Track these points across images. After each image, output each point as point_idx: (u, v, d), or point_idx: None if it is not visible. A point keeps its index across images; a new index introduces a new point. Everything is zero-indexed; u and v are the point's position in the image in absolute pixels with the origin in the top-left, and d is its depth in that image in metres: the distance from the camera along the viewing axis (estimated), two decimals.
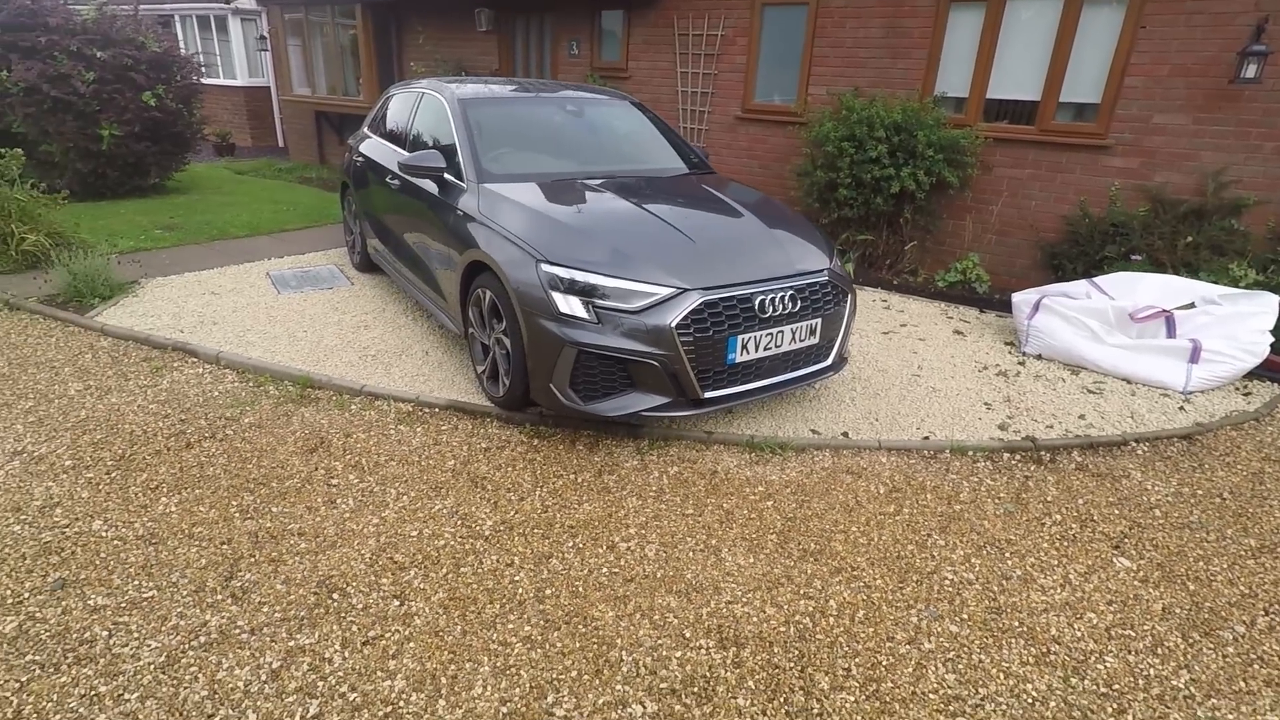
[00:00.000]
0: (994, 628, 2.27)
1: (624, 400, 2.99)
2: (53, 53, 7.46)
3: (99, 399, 3.60)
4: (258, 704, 1.93)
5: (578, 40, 7.99)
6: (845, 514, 2.85)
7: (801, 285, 3.22)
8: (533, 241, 3.12)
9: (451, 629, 2.19)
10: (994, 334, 4.78)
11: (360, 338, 4.40)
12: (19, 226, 5.52)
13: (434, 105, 4.37)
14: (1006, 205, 5.56)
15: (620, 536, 2.65)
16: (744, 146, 6.96)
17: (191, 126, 8.86)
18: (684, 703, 1.96)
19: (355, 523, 2.69)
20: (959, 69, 5.60)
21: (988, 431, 3.49)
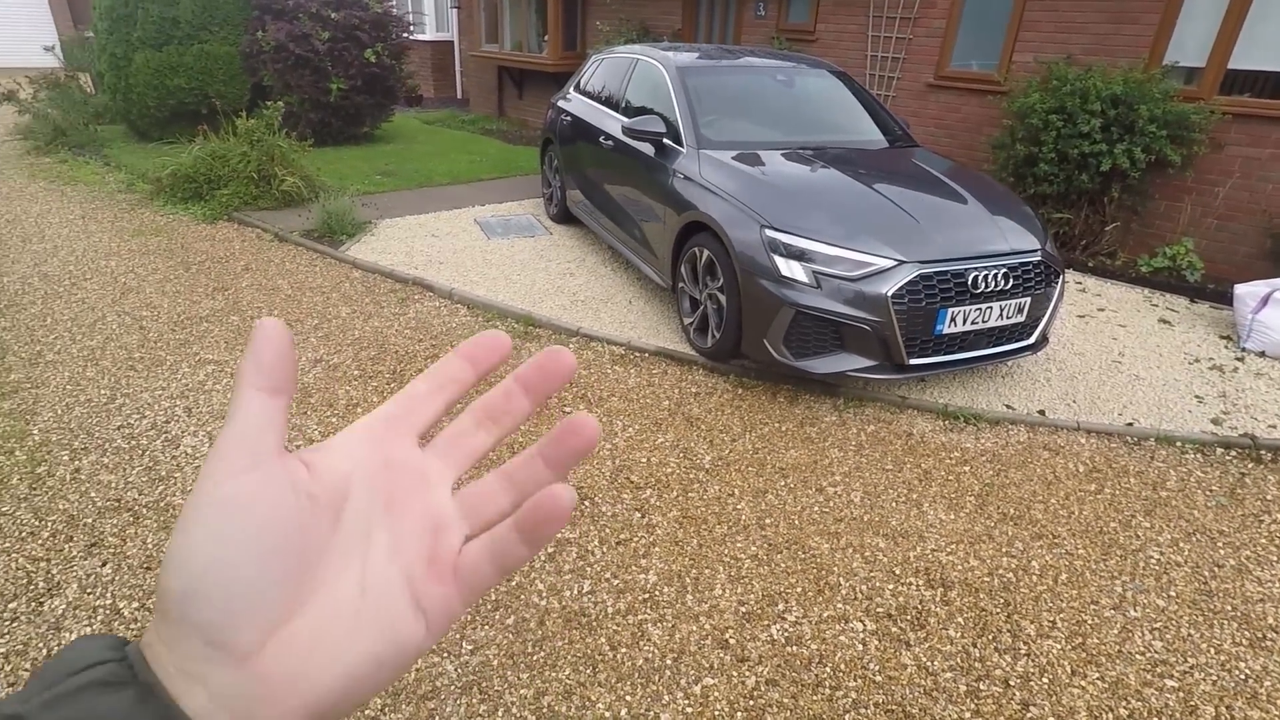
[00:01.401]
0: (1204, 608, 2.36)
1: (833, 359, 3.23)
2: (297, 14, 8.45)
3: (364, 321, 4.29)
4: (543, 577, 2.40)
5: (765, 2, 8.00)
6: (1044, 486, 2.96)
7: (1014, 264, 3.29)
8: (755, 207, 3.38)
9: (689, 540, 2.58)
10: (1207, 326, 4.53)
11: (568, 284, 4.88)
12: (280, 169, 6.46)
13: (650, 71, 4.68)
14: (1236, 187, 5.14)
15: (827, 481, 2.93)
16: (933, 115, 6.79)
17: (400, 81, 9.75)
18: (899, 626, 2.24)
19: None
20: (1197, 36, 5.17)
21: (1198, 425, 3.41)
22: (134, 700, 0.25)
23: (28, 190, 6.56)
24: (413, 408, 0.34)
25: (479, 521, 0.33)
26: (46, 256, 5.00)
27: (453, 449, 0.34)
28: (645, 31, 9.28)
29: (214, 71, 8.30)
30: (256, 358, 0.29)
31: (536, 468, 0.34)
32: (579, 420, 0.33)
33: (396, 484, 0.32)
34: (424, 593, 0.31)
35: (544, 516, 0.32)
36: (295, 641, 0.28)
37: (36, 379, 3.45)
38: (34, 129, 8.18)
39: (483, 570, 0.32)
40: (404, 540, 0.32)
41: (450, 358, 0.35)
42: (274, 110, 6.61)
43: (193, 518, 0.27)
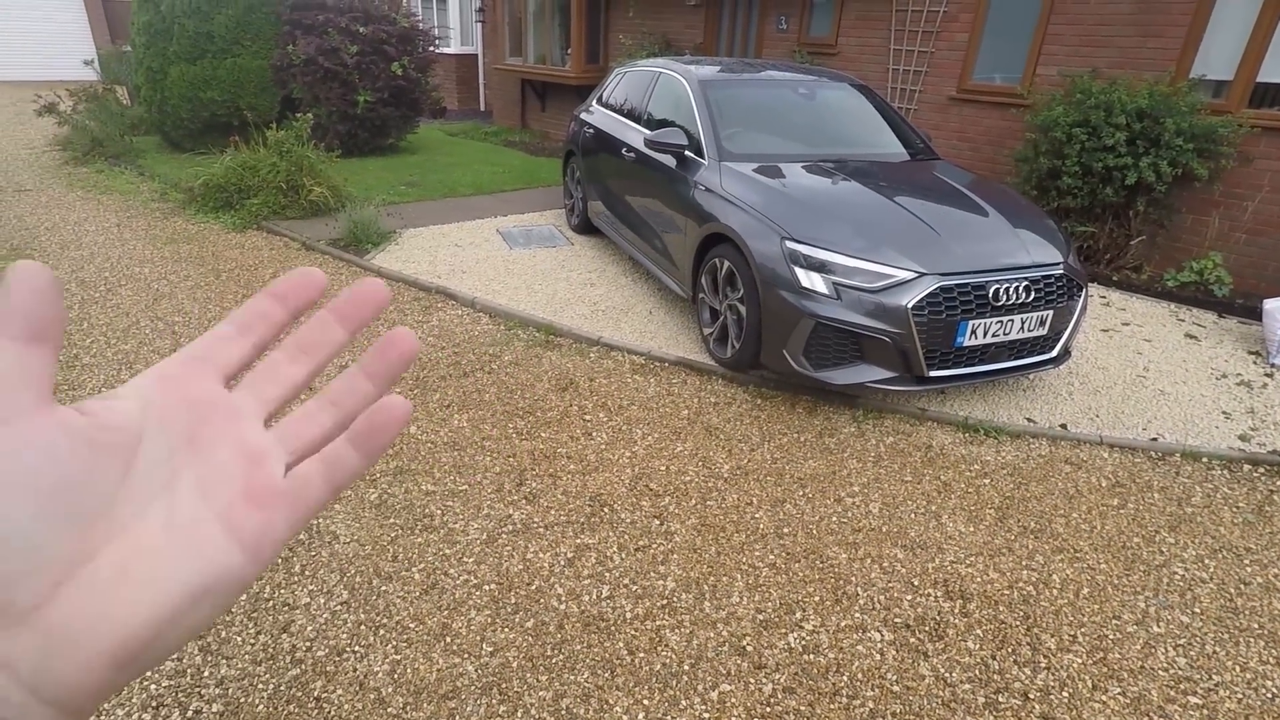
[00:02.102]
0: (1230, 625, 2.33)
1: (852, 371, 3.24)
2: (327, 29, 8.66)
3: (388, 329, 4.35)
4: (562, 581, 2.43)
5: (786, 15, 8.05)
6: (1065, 500, 2.94)
7: (1036, 277, 3.28)
8: (776, 218, 3.40)
9: (707, 548, 2.59)
10: (1235, 341, 4.47)
11: (589, 293, 4.93)
12: (308, 179, 6.60)
13: (672, 84, 4.74)
14: (1266, 201, 5.07)
15: (845, 492, 2.93)
16: (955, 128, 6.78)
17: (426, 93, 9.93)
18: (917, 637, 2.24)
19: (611, 453, 3.17)
20: (1225, 49, 5.13)
21: (1226, 441, 3.37)
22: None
23: (66, 199, 6.76)
24: (215, 348, 0.33)
25: (300, 445, 0.33)
26: (83, 263, 5.15)
27: (265, 384, 0.33)
28: (667, 45, 9.38)
29: (245, 84, 8.52)
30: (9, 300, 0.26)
31: (359, 384, 0.34)
32: (398, 333, 0.34)
33: (200, 421, 0.31)
34: (239, 521, 0.30)
35: (380, 423, 0.32)
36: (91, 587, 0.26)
37: (73, 381, 3.55)
38: (72, 140, 8.44)
39: (313, 485, 0.32)
40: (213, 475, 0.30)
41: (260, 297, 0.34)
42: (303, 122, 6.76)
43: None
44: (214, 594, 0.29)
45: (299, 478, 0.32)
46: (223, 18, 8.25)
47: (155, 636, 0.27)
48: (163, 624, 0.27)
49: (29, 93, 9.76)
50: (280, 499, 0.31)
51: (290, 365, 0.34)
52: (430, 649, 2.15)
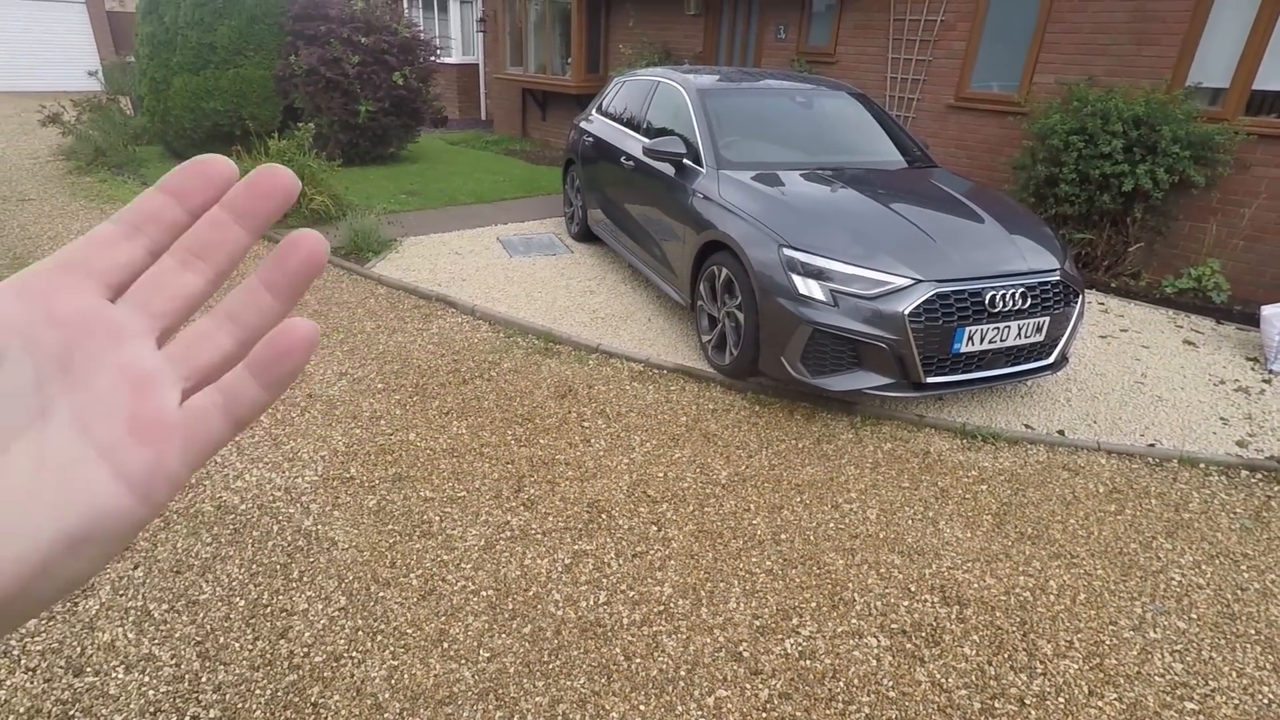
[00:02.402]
0: (1227, 631, 2.33)
1: (850, 377, 3.25)
2: (329, 40, 8.72)
3: (389, 336, 4.38)
4: (560, 587, 2.44)
5: (785, 24, 8.11)
6: (1062, 506, 2.94)
7: (1033, 283, 3.29)
8: (773, 226, 3.42)
9: (704, 554, 2.60)
10: (1233, 347, 4.48)
11: (588, 301, 4.95)
12: (310, 189, 6.63)
13: (671, 94, 4.77)
14: (1263, 208, 5.09)
15: (843, 498, 2.93)
16: (953, 135, 6.81)
17: (427, 103, 10.00)
18: (914, 642, 2.24)
19: (609, 460, 3.17)
20: (1221, 57, 5.16)
21: (1223, 447, 3.37)
22: None
23: (69, 208, 6.80)
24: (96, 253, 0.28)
25: (195, 369, 0.29)
26: None
27: (153, 295, 0.29)
28: (667, 55, 9.43)
29: (248, 94, 8.58)
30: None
31: (260, 298, 0.29)
32: (300, 235, 0.29)
33: (74, 342, 0.27)
34: (125, 456, 0.26)
35: (282, 350, 0.29)
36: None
37: None
38: (76, 150, 8.49)
39: (211, 421, 0.28)
40: (92, 405, 0.26)
41: (150, 191, 0.29)
42: (305, 131, 6.81)
43: None
44: (96, 540, 0.25)
45: (194, 410, 0.28)
46: (226, 29, 8.32)
47: (26, 588, 0.24)
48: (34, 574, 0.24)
49: (33, 103, 9.84)
50: (173, 432, 0.27)
51: (182, 273, 0.29)
52: (427, 655, 2.15)
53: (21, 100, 14.13)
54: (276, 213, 0.29)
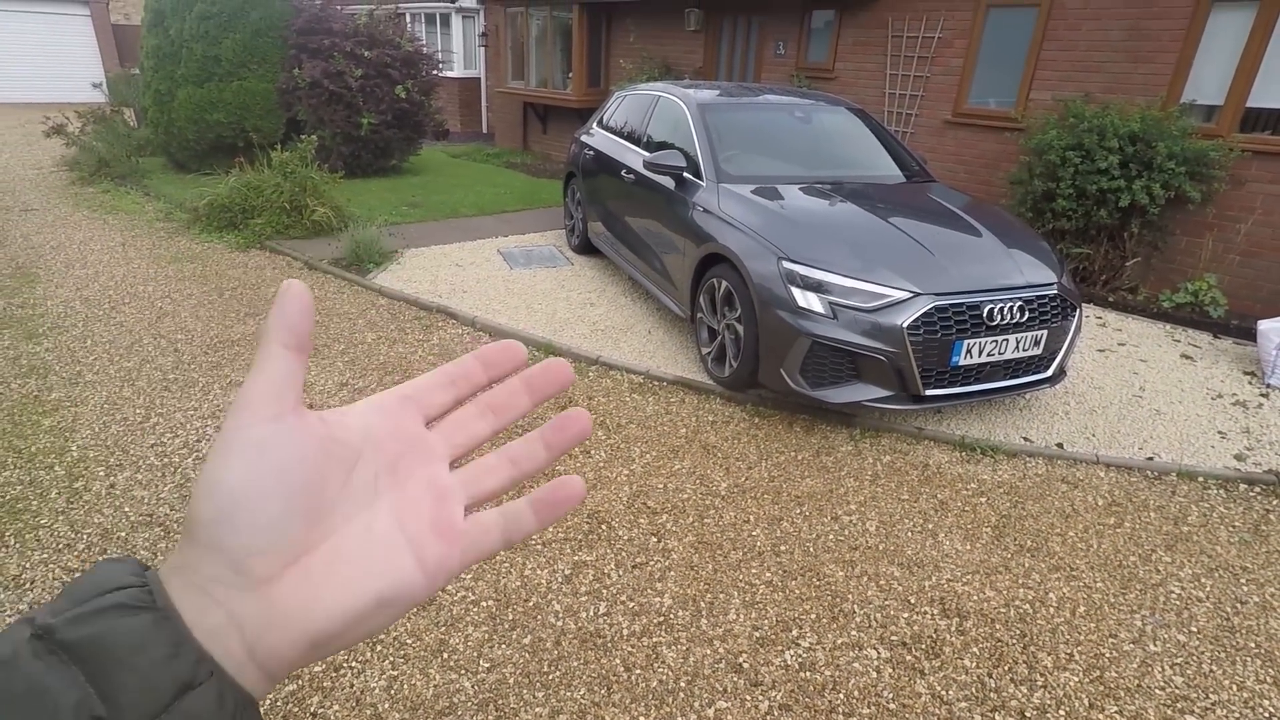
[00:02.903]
0: (1226, 644, 2.33)
1: (849, 389, 3.26)
2: (332, 53, 8.79)
3: (389, 347, 4.40)
4: (559, 598, 2.44)
5: (784, 41, 8.19)
6: (1062, 519, 2.95)
7: (1030, 297, 3.31)
8: (773, 239, 3.45)
9: (704, 565, 2.60)
10: (1230, 362, 4.50)
11: (588, 313, 4.97)
12: (312, 200, 6.68)
13: (671, 108, 4.82)
14: (1259, 224, 5.13)
15: (842, 510, 2.94)
16: (951, 151, 6.87)
17: (429, 116, 10.07)
18: (914, 654, 2.24)
19: (609, 471, 3.18)
20: (1214, 75, 5.23)
21: (1221, 460, 3.38)
22: (151, 623, 0.28)
23: (72, 219, 6.83)
24: (426, 393, 0.37)
25: (478, 492, 0.37)
26: (88, 281, 5.20)
27: (456, 431, 0.37)
28: (667, 69, 9.52)
29: (251, 106, 8.64)
30: (284, 317, 0.32)
31: (536, 449, 0.38)
32: (576, 412, 0.38)
33: (403, 452, 0.35)
34: (425, 548, 0.34)
35: (561, 496, 0.37)
36: (308, 576, 0.31)
37: (76, 398, 3.58)
38: (79, 161, 8.55)
39: (490, 535, 0.36)
40: (407, 502, 0.35)
41: (469, 358, 0.38)
42: (307, 143, 6.85)
43: (223, 454, 0.30)
44: (393, 605, 0.33)
45: (480, 524, 0.36)
46: (230, 42, 8.39)
47: (345, 629, 0.31)
48: (353, 620, 0.31)
49: (38, 114, 9.89)
50: (461, 537, 0.35)
51: (479, 420, 0.38)
52: (427, 665, 2.15)
53: (26, 111, 14.21)
54: (555, 394, 0.39)
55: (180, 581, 0.30)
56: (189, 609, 0.29)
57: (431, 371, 0.38)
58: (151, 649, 0.27)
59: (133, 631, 0.27)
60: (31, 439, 3.19)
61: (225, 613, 0.29)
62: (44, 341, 4.19)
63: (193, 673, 0.28)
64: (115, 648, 0.27)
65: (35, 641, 0.26)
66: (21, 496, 2.81)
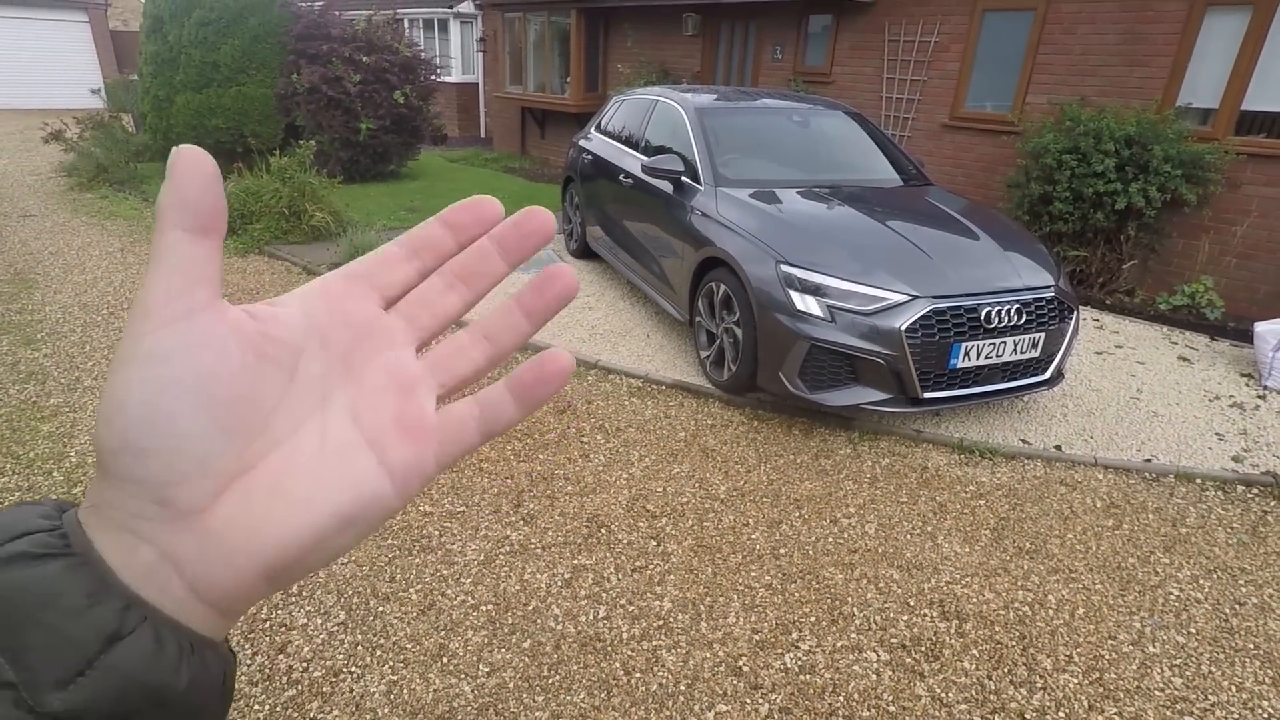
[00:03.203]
0: (1225, 645, 2.33)
1: (847, 392, 3.27)
2: (331, 59, 8.81)
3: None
4: (559, 602, 2.44)
5: (781, 45, 8.23)
6: (1060, 521, 2.95)
7: (1028, 300, 3.32)
8: (771, 243, 3.46)
9: (703, 569, 2.60)
10: (1227, 364, 4.51)
11: (586, 317, 4.97)
12: (310, 205, 6.68)
13: (669, 112, 4.83)
14: (1255, 226, 5.15)
15: (841, 513, 2.94)
16: (948, 155, 6.90)
17: (427, 121, 10.08)
18: (913, 657, 2.24)
19: (608, 475, 3.18)
20: (1209, 79, 5.26)
21: (1219, 462, 3.39)
22: (63, 571, 0.24)
23: (70, 224, 6.83)
24: (380, 269, 0.32)
25: (451, 378, 0.32)
26: (86, 287, 5.20)
27: (420, 310, 0.32)
28: (665, 74, 9.55)
29: (250, 112, 8.66)
30: (178, 192, 0.25)
31: (514, 319, 0.32)
32: (558, 269, 0.33)
33: (356, 342, 0.30)
34: (391, 451, 0.29)
35: (543, 375, 0.31)
36: (249, 498, 0.27)
37: (74, 404, 3.57)
38: (78, 166, 8.55)
39: (466, 430, 0.31)
40: (366, 399, 0.30)
41: (430, 222, 0.32)
42: (306, 149, 6.87)
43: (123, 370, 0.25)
44: (360, 521, 0.29)
45: (454, 417, 0.31)
46: (229, 48, 8.41)
47: (303, 554, 0.27)
48: (310, 544, 0.27)
49: (36, 120, 9.91)
50: (432, 434, 0.30)
51: (447, 294, 0.32)
52: (427, 669, 2.15)
53: (25, 117, 14.23)
54: (535, 250, 0.33)
55: (98, 520, 0.26)
56: (113, 550, 0.25)
57: (387, 243, 0.32)
58: (64, 599, 0.23)
59: (41, 581, 0.24)
60: (30, 445, 3.19)
61: (155, 550, 0.25)
62: (42, 347, 4.19)
63: (119, 621, 0.24)
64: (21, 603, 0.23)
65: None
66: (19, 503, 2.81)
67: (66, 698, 0.23)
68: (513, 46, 12.08)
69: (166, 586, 0.26)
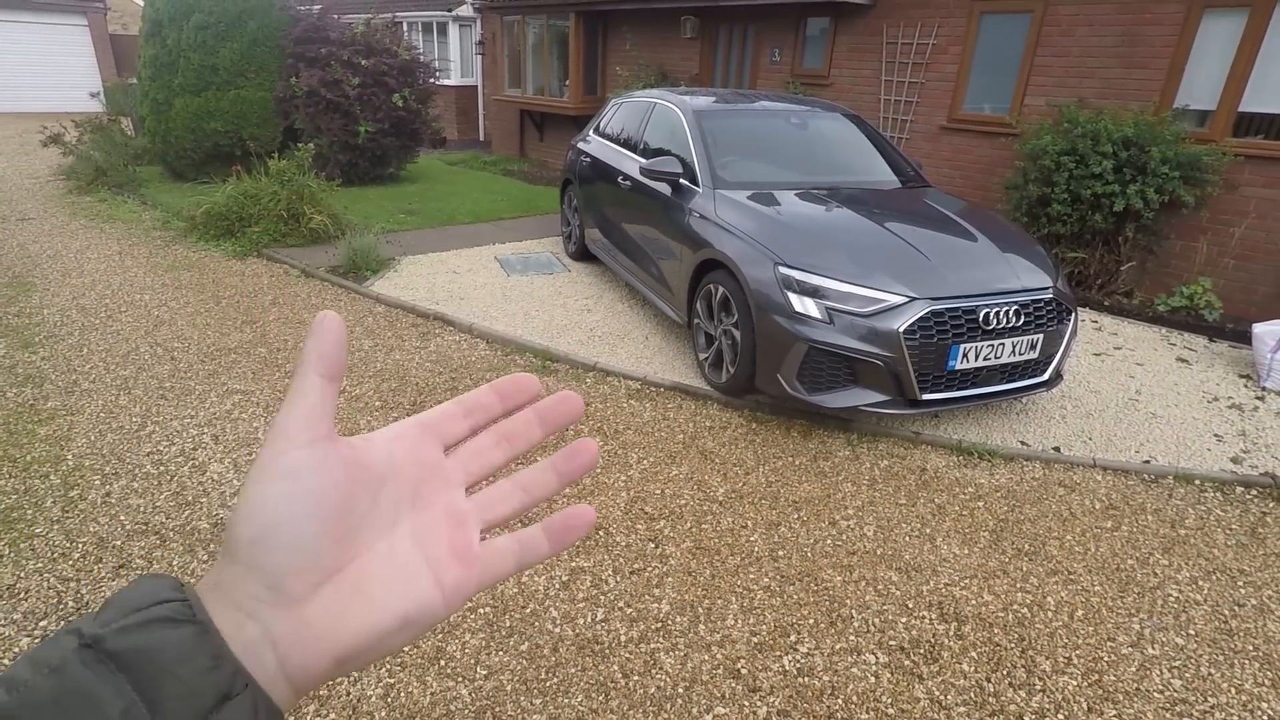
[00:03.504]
0: (1225, 647, 2.33)
1: (846, 394, 3.27)
2: (330, 62, 8.82)
3: (386, 354, 4.39)
4: (557, 604, 2.43)
5: (780, 48, 8.24)
6: (1059, 523, 2.95)
7: (1026, 301, 3.32)
8: (769, 245, 3.46)
9: (701, 571, 2.60)
10: (1226, 365, 4.51)
11: (585, 319, 4.97)
12: (309, 208, 6.68)
13: (667, 115, 4.84)
14: (1252, 228, 5.16)
15: (840, 515, 2.94)
16: (946, 157, 6.90)
17: (426, 124, 10.09)
18: (912, 659, 2.23)
19: (606, 477, 3.18)
20: (1207, 80, 5.26)
21: (1218, 463, 3.39)
22: (194, 635, 0.29)
23: (69, 227, 6.83)
24: (444, 423, 0.39)
25: (492, 517, 0.39)
26: (84, 290, 5.19)
27: (472, 459, 0.40)
28: (663, 77, 9.56)
29: (248, 115, 8.66)
30: (320, 346, 0.33)
31: (547, 476, 0.40)
32: (585, 443, 0.40)
33: (423, 478, 0.37)
34: (445, 571, 0.36)
35: (572, 523, 0.39)
36: (339, 594, 0.33)
37: (72, 406, 3.57)
38: (76, 170, 8.55)
39: (506, 560, 0.38)
40: (428, 527, 0.37)
41: (485, 390, 0.41)
42: (304, 152, 6.87)
43: (262, 478, 0.32)
44: (414, 625, 0.35)
45: (496, 550, 0.38)
46: (227, 51, 8.41)
47: (370, 647, 0.33)
48: (377, 638, 0.33)
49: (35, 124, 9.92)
50: (477, 561, 0.37)
51: (494, 449, 0.40)
52: (424, 673, 2.14)
53: (24, 121, 14.23)
54: (568, 424, 0.41)
55: (217, 597, 0.31)
56: (226, 623, 0.30)
57: (449, 402, 0.40)
58: (195, 660, 0.29)
59: (177, 643, 0.29)
60: (27, 448, 3.18)
61: (260, 628, 0.31)
62: (40, 350, 4.18)
63: (231, 683, 0.29)
64: (161, 658, 0.28)
65: (84, 650, 0.28)
66: (16, 505, 2.80)
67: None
68: (511, 49, 12.10)
69: (263, 659, 0.31)
